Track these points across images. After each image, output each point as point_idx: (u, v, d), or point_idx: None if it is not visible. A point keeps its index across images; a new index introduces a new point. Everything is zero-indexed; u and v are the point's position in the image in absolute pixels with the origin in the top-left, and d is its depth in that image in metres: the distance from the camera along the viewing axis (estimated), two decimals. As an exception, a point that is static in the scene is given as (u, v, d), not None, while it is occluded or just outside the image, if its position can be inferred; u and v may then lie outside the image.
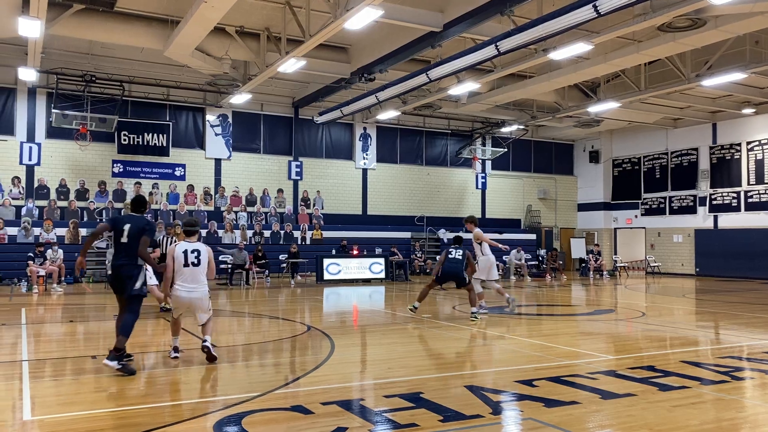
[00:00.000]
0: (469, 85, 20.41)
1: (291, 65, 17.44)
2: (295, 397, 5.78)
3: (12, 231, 19.62)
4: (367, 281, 21.23)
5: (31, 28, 14.90)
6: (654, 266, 28.45)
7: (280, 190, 25.54)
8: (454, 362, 8.00)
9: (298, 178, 26.31)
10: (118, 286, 7.12)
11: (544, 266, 26.10)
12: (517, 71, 19.96)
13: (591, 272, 25.71)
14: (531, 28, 13.97)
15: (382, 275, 21.79)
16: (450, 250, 12.07)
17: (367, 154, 27.69)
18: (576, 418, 5.20)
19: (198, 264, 7.41)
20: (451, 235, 26.38)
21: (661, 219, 29.06)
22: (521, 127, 27.89)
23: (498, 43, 14.76)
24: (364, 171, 27.68)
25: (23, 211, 20.69)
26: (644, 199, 29.86)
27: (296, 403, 5.48)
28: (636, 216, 30.22)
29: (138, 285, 7.05)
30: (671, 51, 17.77)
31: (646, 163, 29.93)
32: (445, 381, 6.60)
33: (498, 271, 12.34)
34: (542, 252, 28.18)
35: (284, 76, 20.63)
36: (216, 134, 24.91)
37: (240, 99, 22.28)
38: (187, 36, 16.68)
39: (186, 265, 7.35)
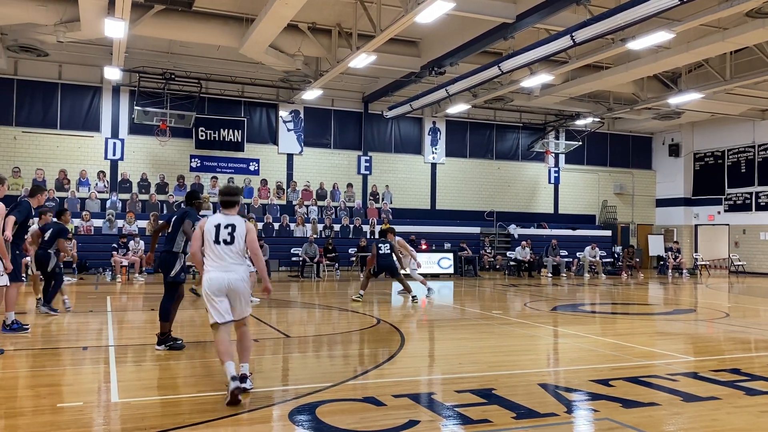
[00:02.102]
0: (543, 77, 19.98)
1: (362, 60, 17.56)
2: (366, 389, 5.82)
3: (97, 223, 20.69)
4: (435, 276, 21.16)
5: (115, 28, 15.62)
6: (738, 265, 27.05)
7: (349, 185, 25.80)
8: (527, 359, 7.86)
9: (368, 172, 26.49)
10: (159, 267, 7.97)
11: (620, 264, 25.28)
12: (592, 62, 19.41)
13: (670, 270, 24.71)
14: (608, 17, 13.52)
15: (451, 270, 21.66)
16: (379, 245, 13.55)
17: (436, 149, 27.58)
18: (656, 420, 5.01)
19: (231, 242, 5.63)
20: (522, 231, 26.02)
21: (747, 215, 27.58)
22: (597, 119, 27.07)
23: (573, 34, 14.37)
24: (433, 165, 27.58)
25: (108, 204, 21.76)
26: (728, 194, 28.43)
27: (368, 395, 5.52)
28: (719, 212, 28.82)
29: (173, 272, 7.56)
30: (760, 38, 16.82)
31: (730, 157, 28.48)
32: (518, 378, 6.49)
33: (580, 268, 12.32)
34: (618, 249, 27.27)
35: (354, 72, 20.80)
36: (288, 130, 25.40)
37: (311, 95, 22.62)
38: (262, 33, 17.07)
39: (217, 242, 5.62)
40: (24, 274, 15.70)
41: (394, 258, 13.68)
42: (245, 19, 18.01)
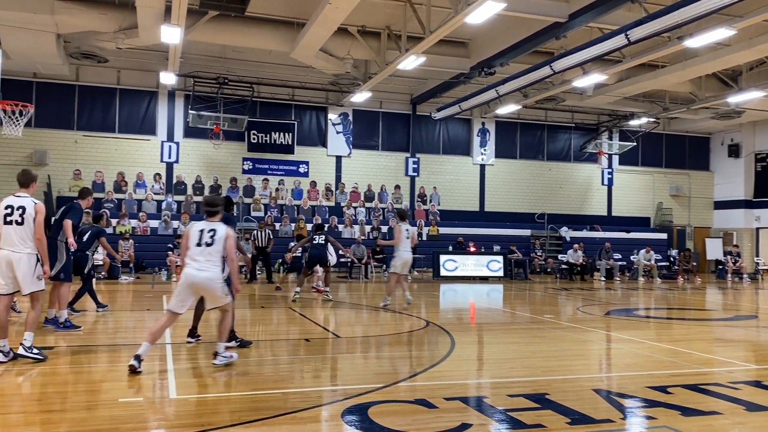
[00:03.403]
0: (596, 77, 19.58)
1: (411, 62, 17.57)
2: (417, 391, 5.82)
3: (154, 224, 21.31)
4: (484, 279, 20.99)
5: (171, 35, 16.06)
6: (803, 270, 25.91)
7: (397, 186, 25.85)
8: (580, 364, 7.72)
9: (415, 174, 26.48)
10: None
11: (676, 267, 24.53)
12: (648, 61, 18.93)
13: (729, 275, 23.84)
14: (665, 14, 13.17)
15: (501, 273, 21.44)
16: (314, 237, 13.68)
17: (485, 150, 27.36)
18: (717, 429, 4.84)
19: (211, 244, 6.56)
20: (574, 233, 25.57)
21: (813, 218, 26.41)
22: (652, 119, 26.38)
23: (628, 32, 14.05)
24: (482, 167, 27.36)
25: (163, 205, 22.39)
26: (792, 196, 27.26)
27: (419, 397, 5.51)
28: (783, 215, 27.68)
29: (224, 277, 7.66)
30: (828, 33, 16.07)
31: (794, 158, 27.32)
32: (571, 383, 6.38)
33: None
34: (674, 252, 26.50)
35: (403, 74, 20.83)
36: (337, 132, 25.63)
37: (360, 97, 22.76)
38: (312, 37, 17.27)
39: (199, 244, 6.57)
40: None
41: (328, 251, 13.80)
42: (296, 23, 18.27)
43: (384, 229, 23.72)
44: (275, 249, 19.46)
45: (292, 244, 18.65)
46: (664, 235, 27.53)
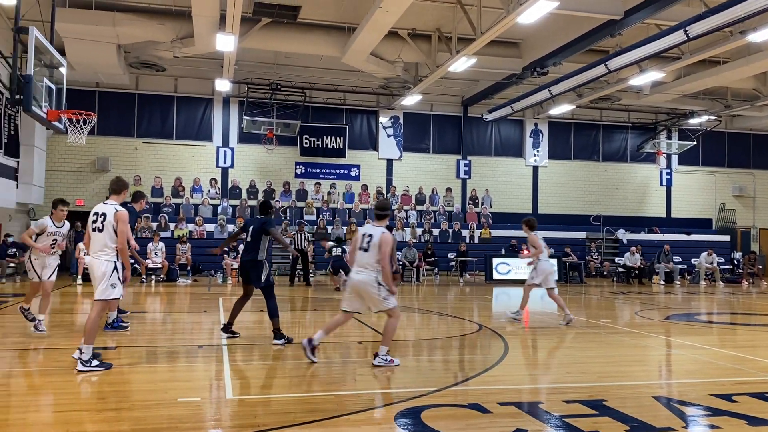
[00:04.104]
0: (653, 75, 19.04)
1: (462, 64, 17.47)
2: (471, 395, 5.76)
3: (210, 228, 21.82)
4: (537, 283, 20.59)
5: (226, 42, 16.44)
6: None
7: (448, 189, 25.72)
8: (639, 370, 7.49)
9: (467, 176, 26.30)
10: (244, 277, 8.57)
11: (740, 271, 23.57)
12: (708, 57, 18.29)
13: (798, 279, 22.77)
14: (726, 9, 12.70)
15: (555, 276, 20.98)
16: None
17: (538, 151, 26.95)
18: (788, 441, 4.62)
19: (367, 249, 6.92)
20: (631, 236, 24.91)
21: None
22: (713, 117, 25.47)
23: (687, 28, 13.61)
24: (535, 168, 26.96)
25: (219, 209, 22.91)
26: None
27: (473, 401, 5.45)
28: None
29: (263, 279, 8.25)
30: None
31: None
32: (630, 389, 6.19)
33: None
34: (738, 255, 25.48)
35: (454, 75, 20.73)
36: (388, 135, 25.70)
37: (411, 100, 22.76)
38: (363, 42, 17.39)
39: (360, 248, 6.98)
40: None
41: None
42: (347, 28, 18.43)
43: (435, 232, 23.64)
44: (323, 251, 19.64)
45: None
46: (726, 237, 26.49)
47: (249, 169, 24.45)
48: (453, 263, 22.14)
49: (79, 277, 17.04)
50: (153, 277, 18.03)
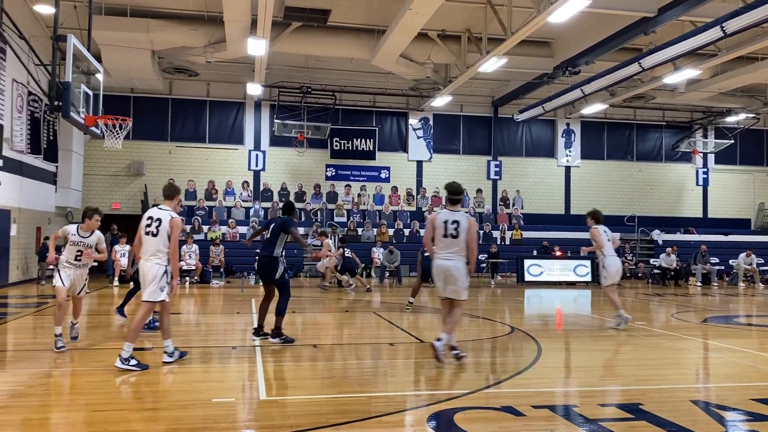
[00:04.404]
0: (688, 72, 18.67)
1: (492, 64, 17.37)
2: (504, 398, 5.71)
3: (242, 230, 22.08)
4: (571, 284, 20.39)
5: (257, 47, 16.62)
6: None
7: (479, 190, 25.59)
8: (676, 374, 7.34)
9: (497, 177, 26.13)
10: (260, 273, 8.72)
11: (780, 272, 22.92)
12: (746, 53, 17.86)
13: (842, 280, 22.05)
14: (764, 4, 12.43)
15: (588, 278, 20.76)
16: (424, 250, 12.71)
17: (570, 151, 26.64)
18: (834, 448, 4.47)
19: (456, 236, 7.00)
20: (667, 237, 24.43)
21: None
22: (751, 115, 24.87)
23: (724, 24, 13.32)
24: (567, 168, 26.66)
25: (251, 211, 23.16)
26: None
27: (506, 404, 5.41)
28: None
29: (278, 275, 8.37)
30: None
31: None
32: (667, 393, 6.08)
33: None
34: (777, 256, 24.77)
35: (484, 76, 20.62)
36: (418, 137, 25.69)
37: (441, 101, 22.71)
38: (393, 44, 17.41)
39: (445, 236, 7.01)
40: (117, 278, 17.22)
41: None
42: (376, 30, 18.47)
43: (466, 233, 23.51)
44: (356, 254, 19.65)
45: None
46: (766, 238, 25.80)
47: (280, 171, 24.66)
48: (484, 265, 22.00)
49: (116, 279, 17.38)
50: (187, 279, 18.31)
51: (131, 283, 10.42)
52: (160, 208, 6.91)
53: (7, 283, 16.31)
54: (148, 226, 6.74)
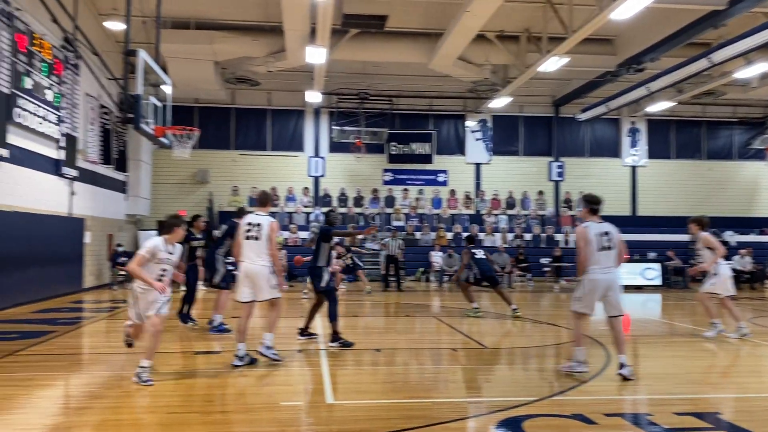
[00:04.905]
0: (762, 66, 17.80)
1: (552, 64, 17.03)
2: (574, 405, 5.56)
3: (303, 234, 22.40)
4: (639, 288, 19.74)
5: (316, 55, 16.85)
6: None
7: (540, 192, 25.14)
8: (755, 381, 6.99)
9: (560, 178, 25.60)
10: (312, 284, 8.95)
11: None
12: (825, 43, 16.85)
13: None
14: None
15: (658, 282, 20.08)
16: (474, 251, 12.35)
17: (636, 150, 25.85)
18: None
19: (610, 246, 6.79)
20: (740, 238, 23.37)
21: None
22: (830, 109, 23.50)
23: (801, 14, 12.63)
24: (633, 168, 25.87)
25: (311, 217, 23.48)
26: None
27: (576, 412, 5.27)
28: None
29: (323, 283, 8.59)
30: None
31: None
32: (747, 402, 5.81)
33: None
34: None
35: (544, 76, 20.22)
36: (476, 139, 25.46)
37: (499, 103, 22.43)
38: (450, 47, 17.34)
39: (601, 249, 6.73)
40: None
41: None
42: (433, 34, 18.43)
43: (527, 237, 23.16)
44: (414, 257, 19.70)
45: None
46: None
47: (339, 177, 24.91)
48: (547, 269, 21.59)
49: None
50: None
51: (183, 288, 10.40)
52: (257, 214, 7.34)
53: (81, 288, 17.04)
54: (249, 231, 7.18)
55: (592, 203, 6.99)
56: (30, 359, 7.62)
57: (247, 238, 7.17)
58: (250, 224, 7.22)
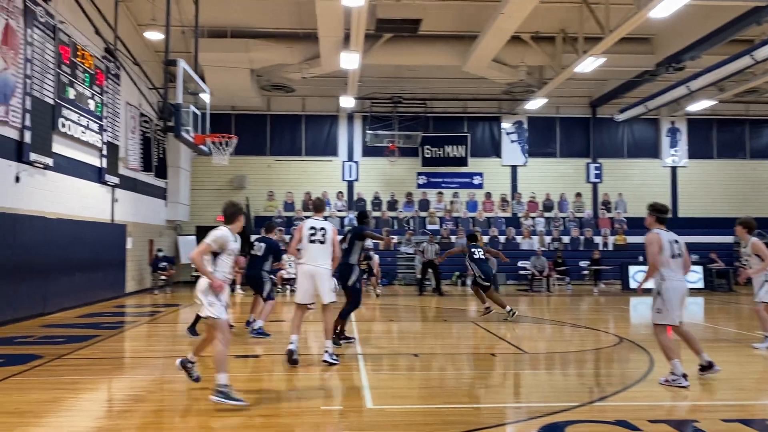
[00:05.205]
0: (807, 62, 17.25)
1: (589, 64, 16.81)
2: (617, 411, 5.45)
3: (338, 238, 22.47)
4: (680, 290, 19.26)
5: (350, 60, 16.94)
6: None
7: (578, 194, 24.79)
8: (808, 389, 6.77)
9: (598, 180, 25.21)
10: (339, 280, 8.96)
11: None
12: None
13: None
14: None
15: (700, 285, 19.60)
16: (473, 250, 12.34)
17: (676, 151, 25.30)
18: None
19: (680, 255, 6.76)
20: (786, 239, 22.60)
21: None
22: None
23: None
24: (673, 169, 25.32)
25: (346, 221, 23.56)
26: None
27: (620, 418, 5.17)
28: None
29: (351, 282, 8.79)
30: None
31: None
32: (800, 410, 5.61)
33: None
34: None
35: (580, 76, 19.95)
36: (511, 141, 25.25)
37: (535, 104, 22.23)
38: (485, 49, 17.25)
39: (674, 256, 6.71)
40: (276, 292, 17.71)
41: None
42: (467, 37, 18.36)
43: (565, 239, 22.86)
44: (450, 261, 19.53)
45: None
46: None
47: (373, 181, 24.97)
48: (586, 272, 21.26)
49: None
50: (288, 287, 18.83)
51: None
52: (316, 219, 7.73)
53: (123, 293, 17.44)
54: (313, 235, 7.52)
55: (659, 212, 7.01)
56: (76, 363, 7.82)
57: (312, 241, 7.49)
58: (313, 228, 7.54)
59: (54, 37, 13.04)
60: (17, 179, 11.85)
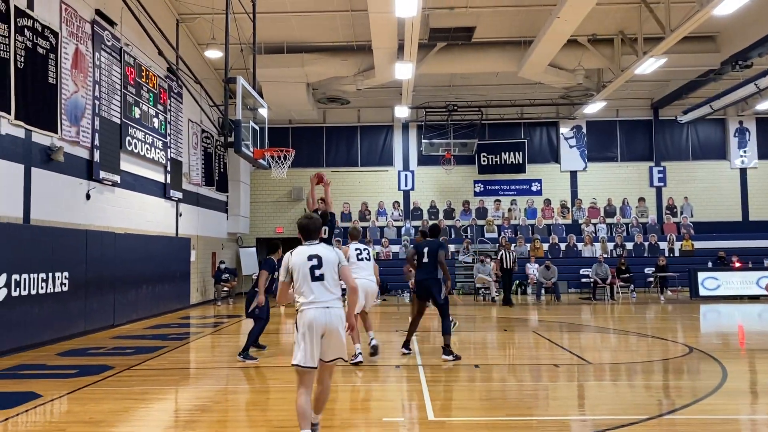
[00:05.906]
0: None
1: (650, 65, 16.34)
2: (687, 425, 5.25)
3: (395, 248, 22.55)
4: (754, 298, 18.42)
5: (404, 71, 17.00)
6: None
7: (641, 199, 24.06)
8: None
9: (662, 184, 24.41)
10: (422, 294, 9.10)
11: None
12: None
13: None
14: None
15: (774, 291, 18.62)
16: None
17: (745, 151, 24.24)
18: None
19: None
20: None
21: None
22: None
23: None
24: (743, 171, 24.27)
25: (402, 230, 23.61)
26: None
27: (692, 433, 4.98)
28: None
29: (442, 296, 8.87)
30: None
31: None
32: None
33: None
34: None
35: (641, 78, 19.46)
36: (570, 146, 24.76)
37: (594, 108, 21.74)
38: (540, 54, 17.01)
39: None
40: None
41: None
42: (522, 42, 18.15)
43: (628, 246, 22.21)
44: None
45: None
46: None
47: (429, 190, 24.92)
48: (651, 279, 20.57)
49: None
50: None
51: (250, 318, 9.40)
52: (355, 243, 9.00)
53: (188, 304, 17.94)
54: (360, 254, 8.83)
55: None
56: (145, 373, 8.08)
57: (360, 259, 8.80)
58: (358, 249, 8.87)
59: (120, 59, 13.63)
60: (88, 197, 12.39)
